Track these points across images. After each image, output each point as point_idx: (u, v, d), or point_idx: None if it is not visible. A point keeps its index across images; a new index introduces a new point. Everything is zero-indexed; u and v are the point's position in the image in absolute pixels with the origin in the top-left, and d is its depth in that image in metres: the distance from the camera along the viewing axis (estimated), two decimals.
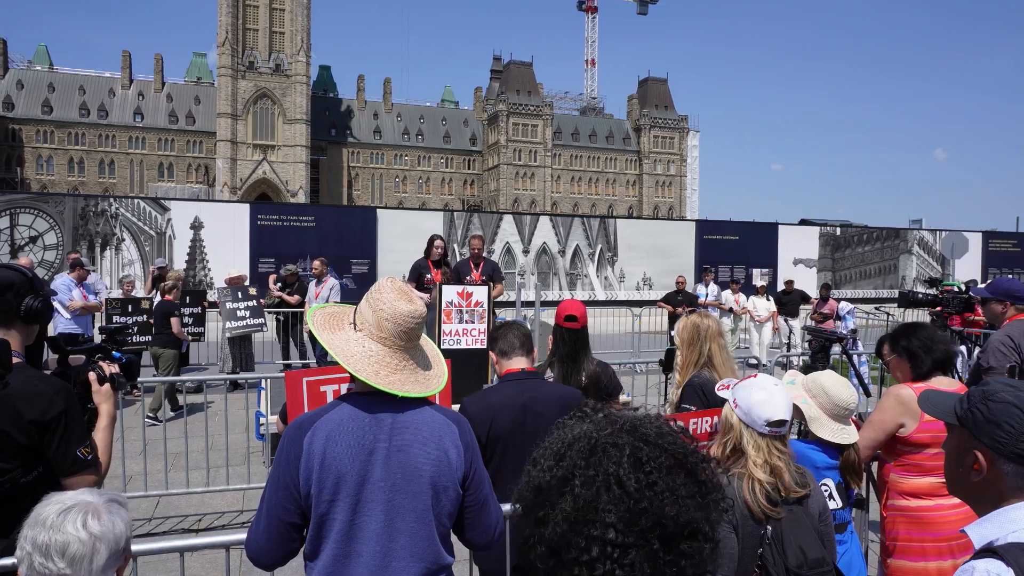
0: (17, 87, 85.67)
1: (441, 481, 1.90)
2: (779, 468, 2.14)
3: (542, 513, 1.04)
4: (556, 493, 1.04)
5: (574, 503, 1.01)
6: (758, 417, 2.15)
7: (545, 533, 1.02)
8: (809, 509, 2.20)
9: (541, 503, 1.05)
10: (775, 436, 2.17)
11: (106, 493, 1.54)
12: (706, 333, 3.35)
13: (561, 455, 1.08)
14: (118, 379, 2.57)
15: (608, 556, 0.97)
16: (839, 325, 11.66)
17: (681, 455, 1.06)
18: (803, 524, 2.15)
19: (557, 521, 1.01)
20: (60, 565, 1.40)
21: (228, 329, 9.99)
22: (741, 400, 2.21)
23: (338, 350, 1.89)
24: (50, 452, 2.20)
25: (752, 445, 2.15)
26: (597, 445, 1.06)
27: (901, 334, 3.13)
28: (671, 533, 0.99)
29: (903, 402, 2.97)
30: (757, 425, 2.16)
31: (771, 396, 2.17)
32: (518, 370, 2.95)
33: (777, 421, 2.15)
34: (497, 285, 8.23)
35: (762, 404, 2.16)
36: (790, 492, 2.13)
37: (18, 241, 16.36)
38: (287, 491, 1.84)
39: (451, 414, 2.02)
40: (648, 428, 1.09)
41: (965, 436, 1.39)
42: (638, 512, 0.98)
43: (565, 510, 1.01)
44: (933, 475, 2.93)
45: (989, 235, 25.71)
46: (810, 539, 2.14)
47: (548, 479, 1.06)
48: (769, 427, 2.15)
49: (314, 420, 1.88)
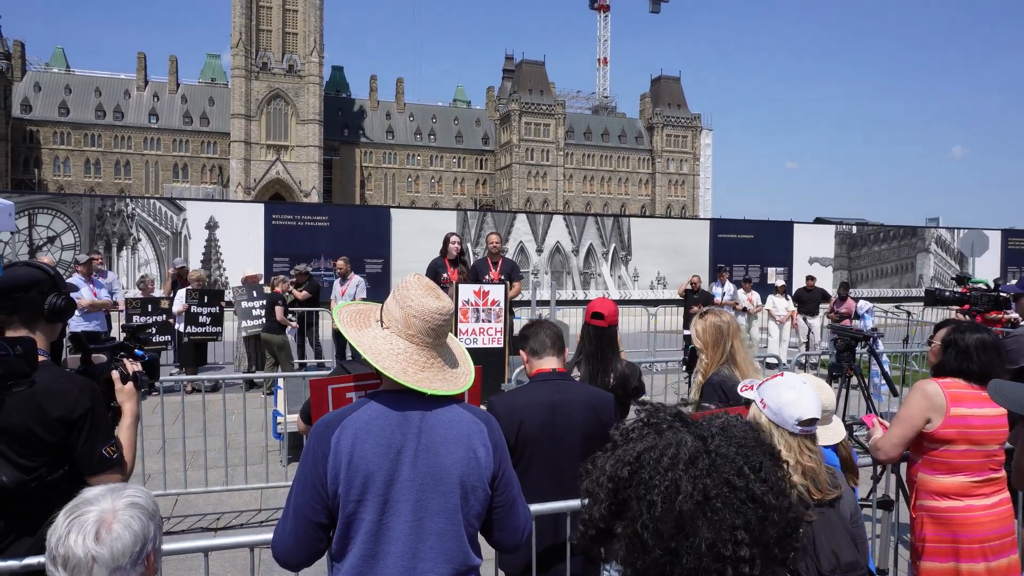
0: (35, 89, 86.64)
1: (470, 481, 1.87)
2: (812, 469, 2.09)
3: (675, 544, 0.97)
4: (691, 518, 0.97)
5: (708, 525, 0.96)
6: (789, 417, 2.10)
7: (683, 564, 0.96)
8: (841, 511, 2.15)
9: (671, 534, 0.98)
10: (806, 435, 2.12)
11: (128, 496, 1.52)
12: (727, 330, 3.30)
13: (678, 478, 1.00)
14: (141, 378, 2.56)
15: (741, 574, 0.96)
16: (857, 324, 11.55)
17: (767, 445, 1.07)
18: (836, 527, 2.10)
19: (696, 550, 0.95)
20: (62, 574, 1.43)
21: (244, 328, 10.03)
22: (770, 400, 2.16)
23: (366, 347, 1.87)
24: (76, 450, 2.19)
25: (784, 446, 2.09)
26: (716, 459, 1.01)
27: (966, 328, 3.02)
28: (786, 533, 1.00)
29: (929, 396, 2.92)
30: (788, 425, 2.10)
31: (801, 394, 2.12)
32: (549, 370, 2.89)
33: (808, 420, 2.10)
34: (515, 284, 8.19)
35: (792, 403, 2.11)
36: (824, 494, 2.09)
37: (36, 241, 16.51)
38: (314, 490, 1.82)
39: (480, 413, 1.99)
40: (735, 430, 1.08)
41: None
42: (765, 523, 0.98)
43: (705, 537, 0.95)
44: (963, 473, 2.87)
45: (1008, 233, 25.39)
46: (843, 542, 2.10)
47: (682, 508, 0.98)
48: (800, 426, 2.10)
49: (342, 418, 1.86)
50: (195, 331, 10.08)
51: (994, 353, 2.95)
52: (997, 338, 3.08)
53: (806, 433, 2.12)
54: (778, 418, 2.12)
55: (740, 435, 1.05)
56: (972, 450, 2.85)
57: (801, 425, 2.10)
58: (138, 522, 1.52)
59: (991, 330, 3.14)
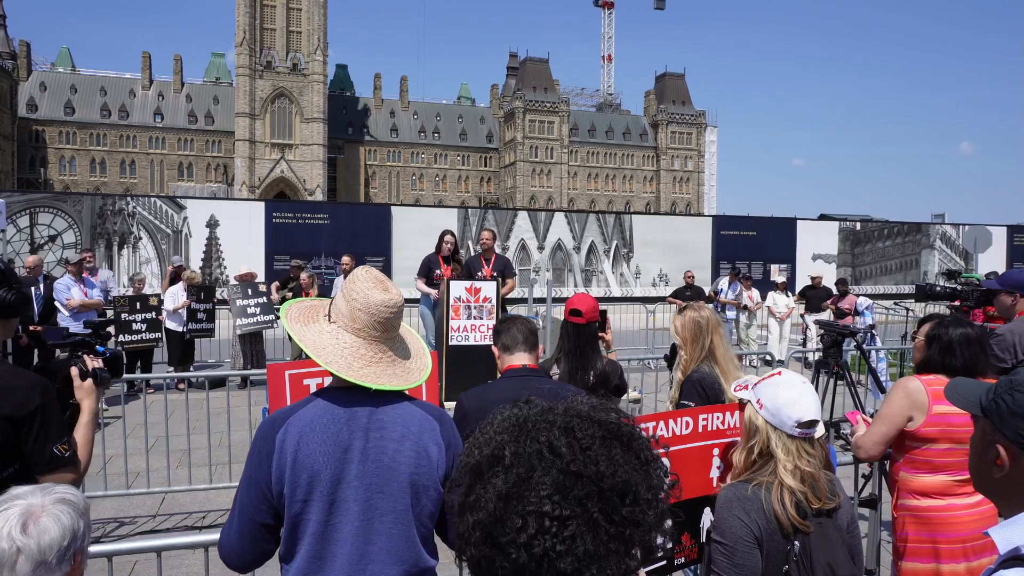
0: (40, 89, 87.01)
1: (421, 480, 1.82)
2: (810, 475, 1.97)
3: (473, 497, 0.96)
4: (487, 472, 0.96)
5: (505, 478, 0.93)
6: (787, 418, 1.98)
7: (479, 517, 0.93)
8: (838, 521, 2.02)
9: (472, 486, 0.97)
10: (804, 438, 2.00)
11: (59, 492, 1.48)
12: (707, 326, 3.23)
13: (490, 437, 1.00)
14: (101, 374, 2.52)
15: (546, 531, 0.88)
16: (857, 321, 11.45)
17: (615, 428, 0.99)
18: (832, 539, 1.98)
19: (489, 499, 0.93)
20: None
21: (239, 326, 10.01)
22: (767, 400, 2.03)
23: (309, 343, 1.81)
24: (26, 449, 2.15)
25: (782, 449, 1.98)
26: (527, 421, 1.00)
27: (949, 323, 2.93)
28: (609, 498, 0.91)
29: (910, 394, 2.85)
30: (786, 427, 1.98)
31: (801, 394, 2.00)
32: (519, 366, 2.83)
33: (808, 422, 1.98)
34: (508, 281, 8.14)
35: (792, 403, 1.98)
36: (823, 502, 1.96)
37: (37, 240, 16.55)
38: (259, 490, 1.77)
39: (433, 410, 1.93)
40: (580, 405, 1.02)
41: (988, 428, 1.27)
42: (572, 475, 0.91)
43: (497, 486, 0.93)
44: (944, 472, 2.81)
45: (1014, 229, 25.19)
46: (840, 555, 1.98)
47: (477, 458, 0.98)
48: (800, 428, 1.98)
49: (287, 416, 1.81)
50: (194, 327, 10.07)
51: (978, 348, 2.88)
52: (982, 333, 3.00)
53: (805, 436, 2.00)
54: (776, 419, 2.00)
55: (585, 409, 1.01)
56: (954, 449, 2.78)
57: (800, 427, 1.98)
58: (68, 517, 1.48)
59: (977, 325, 3.06)
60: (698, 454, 2.65)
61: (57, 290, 8.64)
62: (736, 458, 2.12)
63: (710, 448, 2.68)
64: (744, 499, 1.97)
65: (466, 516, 0.97)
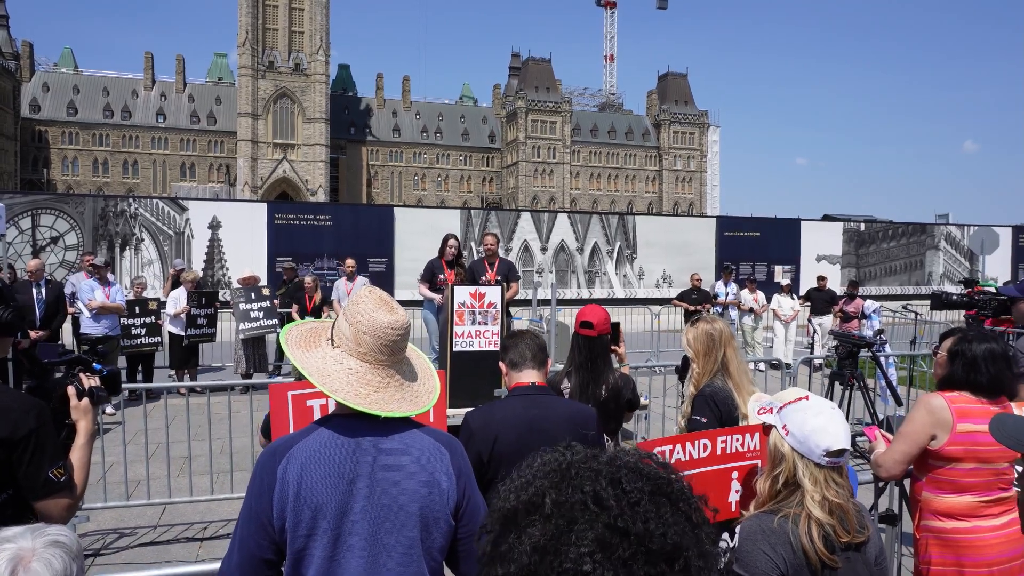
0: (43, 89, 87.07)
1: (431, 512, 1.73)
2: (839, 506, 1.86)
3: (505, 547, 0.87)
4: (523, 519, 0.87)
5: (543, 528, 0.84)
6: (815, 446, 1.87)
7: (511, 570, 0.84)
8: (867, 556, 1.90)
9: (503, 534, 0.89)
10: (833, 467, 1.89)
11: (50, 534, 1.39)
12: (720, 339, 3.14)
13: (529, 481, 0.92)
14: (98, 393, 2.43)
15: None
16: (864, 324, 11.34)
17: (663, 483, 0.90)
18: (860, 574, 1.87)
19: (523, 551, 0.84)
20: None
21: (242, 330, 9.93)
22: (794, 426, 1.92)
23: (312, 370, 1.72)
24: (19, 473, 2.07)
25: (809, 478, 1.87)
26: (571, 467, 0.91)
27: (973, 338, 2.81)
28: (656, 562, 0.82)
29: (933, 411, 2.74)
30: (814, 455, 1.87)
31: (830, 421, 1.89)
32: (528, 384, 2.73)
33: (837, 451, 1.87)
34: (512, 285, 8.05)
35: (820, 431, 1.87)
36: (852, 536, 1.85)
37: (40, 241, 16.50)
38: (259, 524, 1.68)
39: (442, 437, 1.85)
40: (628, 455, 0.94)
41: None
42: (618, 532, 0.82)
43: (533, 537, 0.84)
44: (969, 493, 2.71)
45: (1019, 230, 25.03)
46: None
47: (513, 503, 0.90)
48: (828, 457, 1.87)
49: (289, 446, 1.72)
50: (193, 333, 10.00)
51: (1004, 364, 2.78)
52: (1007, 347, 2.91)
53: (834, 465, 1.89)
54: (803, 447, 1.89)
55: (633, 460, 0.93)
56: (980, 468, 2.68)
57: (829, 456, 1.87)
58: (60, 561, 1.39)
59: (1001, 339, 2.97)
60: (716, 477, 2.56)
61: (82, 289, 8.81)
62: (760, 486, 2.01)
63: (729, 471, 2.59)
64: (770, 532, 1.87)
65: (495, 567, 0.87)
